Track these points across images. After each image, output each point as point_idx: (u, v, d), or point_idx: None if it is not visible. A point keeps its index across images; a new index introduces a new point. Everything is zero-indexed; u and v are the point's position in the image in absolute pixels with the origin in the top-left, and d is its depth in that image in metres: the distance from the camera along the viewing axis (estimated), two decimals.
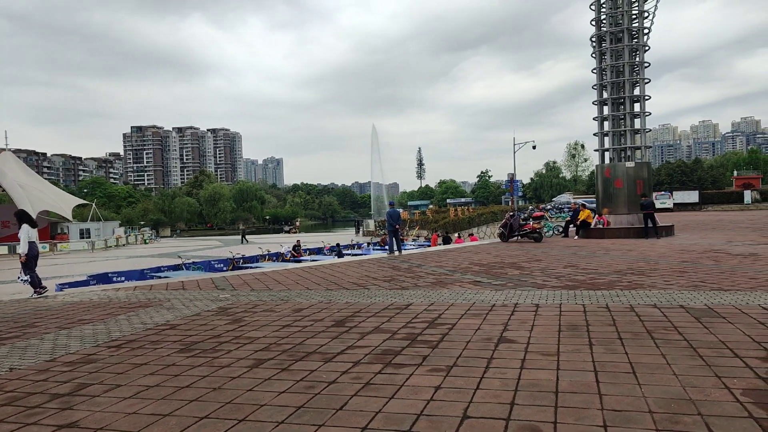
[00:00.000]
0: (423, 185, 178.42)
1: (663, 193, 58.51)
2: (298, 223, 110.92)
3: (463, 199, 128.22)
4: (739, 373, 4.35)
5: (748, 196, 62.88)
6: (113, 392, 4.60)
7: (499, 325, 6.40)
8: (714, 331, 5.71)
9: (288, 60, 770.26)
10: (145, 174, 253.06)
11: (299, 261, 26.06)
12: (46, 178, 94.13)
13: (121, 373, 5.14)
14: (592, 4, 24.34)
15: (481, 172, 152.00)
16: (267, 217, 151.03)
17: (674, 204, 55.59)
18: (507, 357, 5.08)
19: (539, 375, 4.51)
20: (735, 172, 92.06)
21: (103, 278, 21.97)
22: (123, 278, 22.21)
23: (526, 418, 3.65)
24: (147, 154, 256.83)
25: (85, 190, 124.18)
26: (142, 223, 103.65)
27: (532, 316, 6.89)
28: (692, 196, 59.24)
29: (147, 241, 70.25)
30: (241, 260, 28.10)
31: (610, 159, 24.36)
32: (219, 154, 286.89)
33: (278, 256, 30.22)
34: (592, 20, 24.45)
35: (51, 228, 64.06)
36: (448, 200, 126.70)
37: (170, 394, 4.49)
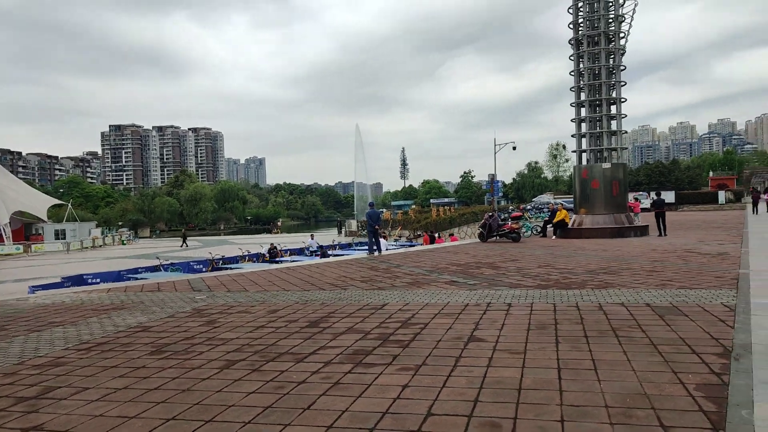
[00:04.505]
0: (406, 185, 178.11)
1: (641, 193, 59.54)
2: (279, 224, 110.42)
3: (446, 199, 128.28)
4: (694, 369, 4.51)
5: (722, 196, 65.90)
6: (80, 395, 4.57)
7: (470, 325, 6.52)
8: (675, 329, 5.89)
9: (273, 59, 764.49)
10: (124, 174, 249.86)
11: (276, 262, 26.01)
12: (20, 178, 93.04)
13: (89, 376, 5.11)
14: (569, 8, 24.64)
15: (464, 172, 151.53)
16: (249, 218, 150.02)
17: (651, 204, 56.46)
18: (475, 356, 5.19)
19: (504, 373, 4.62)
20: (711, 173, 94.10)
21: (78, 280, 21.50)
22: (98, 280, 21.65)
23: (487, 414, 3.75)
24: (126, 153, 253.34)
25: (61, 190, 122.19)
26: (120, 223, 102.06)
27: (503, 315, 7.02)
28: (668, 197, 60.02)
29: (125, 242, 69.25)
30: (221, 261, 27.99)
31: (588, 160, 24.69)
32: (200, 153, 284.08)
33: (258, 257, 30.18)
34: (570, 23, 24.75)
35: (25, 229, 63.31)
36: (431, 200, 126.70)
37: (138, 396, 4.48)
